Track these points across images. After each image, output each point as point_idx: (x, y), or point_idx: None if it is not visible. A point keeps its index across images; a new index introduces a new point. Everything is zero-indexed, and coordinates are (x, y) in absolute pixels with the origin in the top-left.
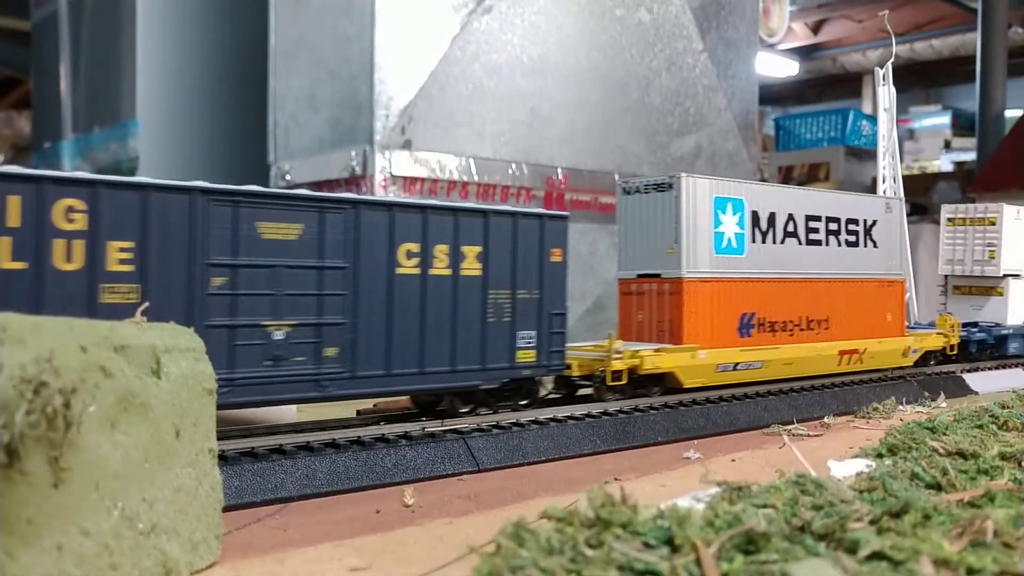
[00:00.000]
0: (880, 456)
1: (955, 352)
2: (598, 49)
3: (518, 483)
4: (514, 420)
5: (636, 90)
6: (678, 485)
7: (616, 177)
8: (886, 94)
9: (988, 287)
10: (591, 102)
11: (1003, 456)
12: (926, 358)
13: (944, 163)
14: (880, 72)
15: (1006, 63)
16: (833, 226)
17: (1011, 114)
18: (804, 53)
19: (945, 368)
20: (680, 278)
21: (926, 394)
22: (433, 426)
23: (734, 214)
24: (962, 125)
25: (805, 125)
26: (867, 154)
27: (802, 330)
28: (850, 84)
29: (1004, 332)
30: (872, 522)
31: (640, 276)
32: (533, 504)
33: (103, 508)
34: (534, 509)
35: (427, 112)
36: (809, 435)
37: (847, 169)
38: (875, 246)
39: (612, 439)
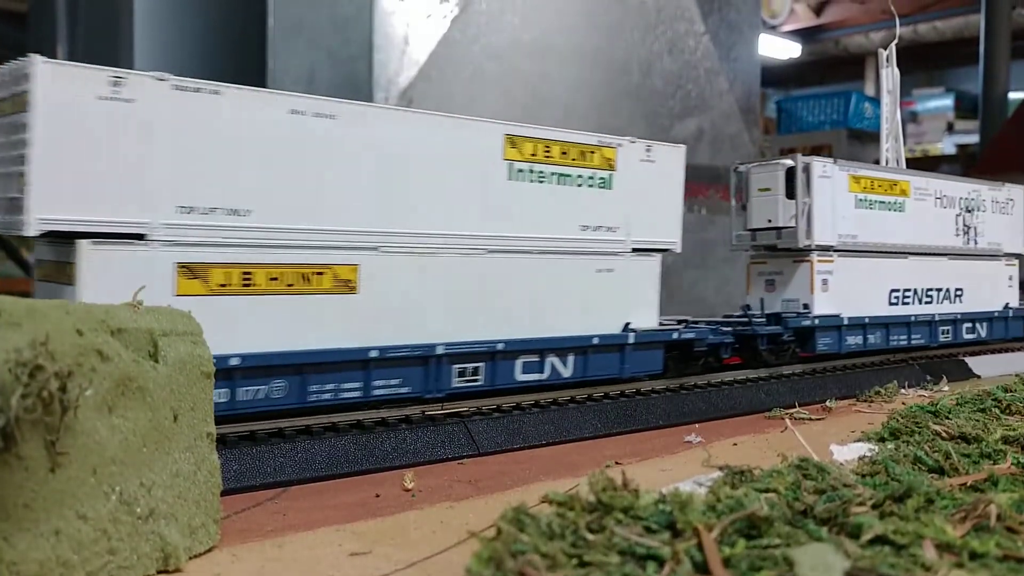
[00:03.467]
0: (882, 440)
1: None
2: (599, 31)
3: (518, 467)
4: (515, 403)
5: (637, 73)
6: (680, 469)
7: None
8: (889, 76)
9: None
10: (592, 85)
11: (1006, 440)
12: None
13: (947, 146)
14: (883, 54)
15: (1010, 45)
16: None
17: (1014, 96)
18: (807, 35)
19: (944, 351)
20: None
21: (928, 378)
22: (433, 410)
23: None
24: (965, 107)
25: (807, 108)
26: (869, 137)
27: None
28: (853, 66)
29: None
30: (875, 506)
31: None
32: (534, 488)
33: (101, 493)
34: (535, 493)
35: (427, 94)
36: (811, 419)
37: (849, 152)
38: None
39: (613, 423)
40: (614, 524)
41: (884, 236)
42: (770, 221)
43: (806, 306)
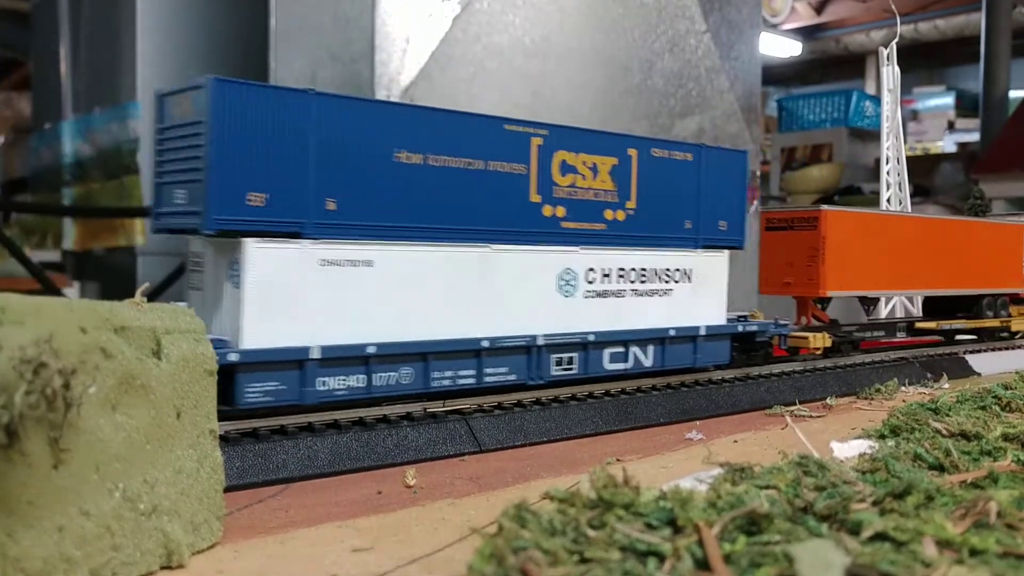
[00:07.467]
0: (883, 437)
1: None
2: (601, 30)
3: (520, 464)
4: (516, 401)
5: (638, 72)
6: (680, 466)
7: None
8: (890, 74)
9: None
10: (593, 84)
11: (1006, 437)
12: None
13: (947, 144)
14: (884, 52)
15: (1010, 43)
16: None
17: (1015, 95)
18: (807, 33)
19: (946, 349)
20: None
21: (929, 375)
22: (435, 407)
23: None
24: (966, 106)
25: (808, 106)
26: (870, 135)
27: None
28: (854, 65)
29: None
30: (875, 503)
31: None
32: (535, 485)
33: (104, 490)
34: (536, 490)
35: (428, 94)
36: (811, 416)
37: (850, 150)
38: None
39: (614, 420)
40: (615, 520)
41: None
42: None
43: None
